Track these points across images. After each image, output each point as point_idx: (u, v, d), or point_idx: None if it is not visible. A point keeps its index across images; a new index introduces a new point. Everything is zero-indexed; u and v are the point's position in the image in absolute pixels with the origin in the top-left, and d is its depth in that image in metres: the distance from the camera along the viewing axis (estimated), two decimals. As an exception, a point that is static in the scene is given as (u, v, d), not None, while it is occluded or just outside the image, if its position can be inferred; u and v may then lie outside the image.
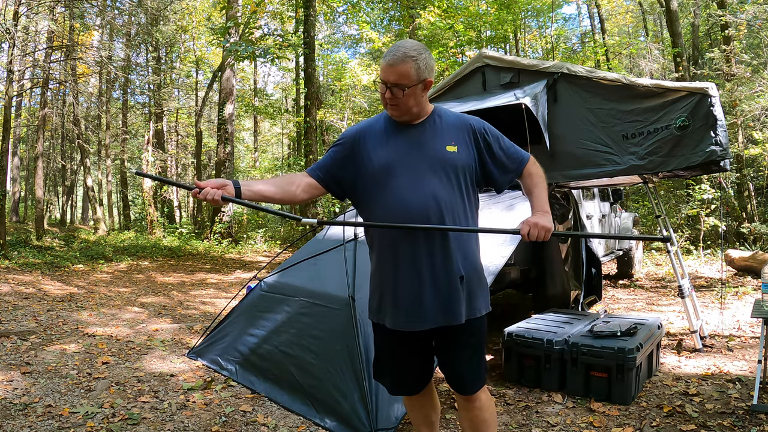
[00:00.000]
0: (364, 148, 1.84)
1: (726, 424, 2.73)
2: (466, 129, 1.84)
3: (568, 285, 5.11)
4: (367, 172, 1.82)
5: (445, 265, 1.75)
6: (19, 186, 23.08)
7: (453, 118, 1.86)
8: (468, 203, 1.82)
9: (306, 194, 1.88)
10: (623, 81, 3.87)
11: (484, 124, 1.88)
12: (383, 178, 1.78)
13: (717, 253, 9.62)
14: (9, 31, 10.14)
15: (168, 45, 20.43)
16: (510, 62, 4.55)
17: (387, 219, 1.75)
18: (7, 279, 7.55)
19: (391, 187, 1.77)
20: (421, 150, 1.78)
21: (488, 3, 14.81)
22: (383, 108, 1.83)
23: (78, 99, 16.43)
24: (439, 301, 1.75)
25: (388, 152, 1.80)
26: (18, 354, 4.02)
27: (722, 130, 3.60)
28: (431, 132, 1.81)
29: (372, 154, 1.81)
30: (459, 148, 1.79)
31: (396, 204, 1.75)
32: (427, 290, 1.75)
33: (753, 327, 4.75)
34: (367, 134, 1.86)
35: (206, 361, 3.87)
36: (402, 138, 1.82)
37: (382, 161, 1.79)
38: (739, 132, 10.72)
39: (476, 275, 1.84)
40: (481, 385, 1.89)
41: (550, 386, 3.33)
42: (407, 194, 1.74)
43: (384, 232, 1.79)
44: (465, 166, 1.79)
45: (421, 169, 1.76)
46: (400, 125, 1.84)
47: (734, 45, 11.24)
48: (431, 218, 1.73)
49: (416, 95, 1.73)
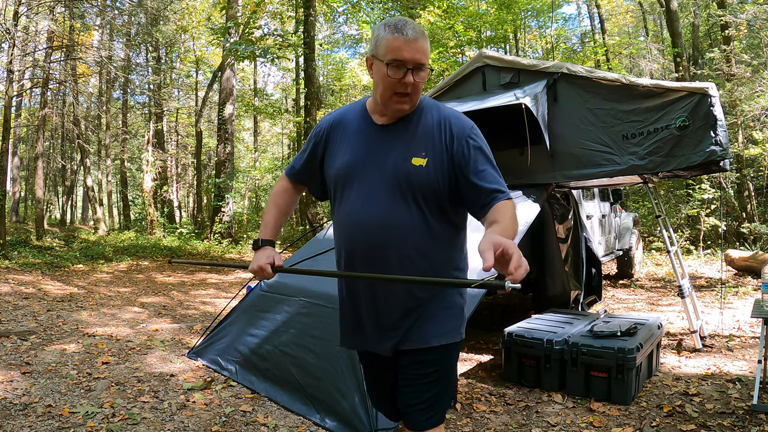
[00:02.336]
0: (332, 144, 1.61)
1: (726, 424, 2.73)
2: (446, 134, 1.47)
3: (568, 285, 5.11)
4: (329, 173, 1.60)
5: (387, 288, 1.51)
6: (19, 186, 23.08)
7: (434, 119, 1.51)
8: (439, 227, 1.50)
9: (297, 198, 1.81)
10: (623, 81, 3.87)
11: (469, 132, 1.48)
12: (341, 185, 1.55)
13: (717, 253, 9.62)
14: (9, 31, 10.14)
15: (168, 45, 20.43)
16: (510, 62, 4.55)
17: (339, 235, 1.57)
18: (7, 279, 7.55)
19: (345, 199, 1.53)
20: (381, 159, 1.48)
21: (488, 3, 14.81)
22: (384, 100, 1.48)
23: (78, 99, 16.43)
24: (377, 323, 1.55)
25: (350, 155, 1.53)
26: (18, 354, 4.02)
27: (722, 130, 3.60)
28: (403, 135, 1.50)
29: (337, 152, 1.58)
30: (429, 162, 1.45)
31: (346, 221, 1.53)
32: (364, 309, 1.56)
33: (753, 327, 4.75)
34: (338, 126, 1.61)
35: (206, 361, 3.87)
36: (369, 138, 1.53)
37: (342, 165, 1.54)
38: (739, 132, 10.72)
39: (440, 298, 1.53)
40: (433, 425, 1.54)
41: (550, 386, 3.33)
42: (357, 212, 1.49)
43: (338, 237, 1.59)
44: (430, 185, 1.45)
45: (376, 184, 1.47)
46: (372, 123, 1.55)
47: (734, 45, 11.23)
48: (384, 245, 1.46)
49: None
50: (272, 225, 1.72)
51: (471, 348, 4.39)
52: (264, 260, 1.58)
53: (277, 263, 1.59)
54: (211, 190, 16.58)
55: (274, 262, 1.59)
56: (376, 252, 1.47)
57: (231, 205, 15.16)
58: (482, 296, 3.08)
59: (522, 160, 4.35)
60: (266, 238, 1.67)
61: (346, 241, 1.54)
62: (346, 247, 1.54)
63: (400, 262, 1.47)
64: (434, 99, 4.96)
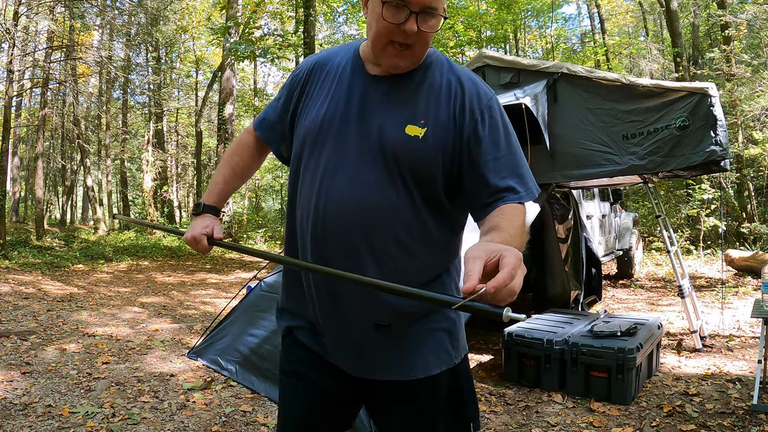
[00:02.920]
0: (309, 92, 1.23)
1: (726, 424, 2.73)
2: (457, 101, 1.11)
3: (568, 285, 5.12)
4: (297, 131, 1.22)
5: (359, 302, 1.13)
6: (19, 186, 23.08)
7: (444, 79, 1.14)
8: (432, 220, 1.13)
9: (259, 159, 1.44)
10: (623, 81, 3.87)
11: (489, 102, 1.13)
12: (308, 147, 1.16)
13: (717, 253, 9.62)
14: (9, 31, 10.14)
15: (168, 45, 20.43)
16: (510, 62, 4.55)
17: (298, 213, 1.19)
18: (7, 279, 7.55)
19: (311, 165, 1.15)
20: (366, 119, 1.11)
21: (488, 3, 14.83)
22: (377, 50, 1.11)
23: (78, 99, 16.42)
24: (345, 342, 1.18)
25: (327, 108, 1.16)
26: (18, 354, 4.02)
27: (722, 130, 3.60)
28: (400, 93, 1.13)
29: (312, 104, 1.20)
30: (428, 134, 1.09)
31: (308, 195, 1.14)
32: (331, 321, 1.18)
33: (753, 327, 4.75)
34: (320, 70, 1.23)
35: (206, 361, 3.87)
36: (356, 90, 1.15)
37: (314, 120, 1.16)
38: (739, 132, 10.72)
39: (417, 320, 1.16)
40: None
41: (550, 386, 3.33)
42: (325, 184, 1.11)
43: (297, 223, 1.20)
44: (424, 164, 1.09)
45: (355, 151, 1.10)
46: (365, 72, 1.17)
47: (734, 45, 11.24)
48: (355, 232, 1.08)
49: (433, 34, 1.10)
50: (220, 187, 1.37)
51: (471, 348, 4.39)
52: (200, 230, 1.27)
53: (216, 235, 1.28)
54: (211, 190, 16.56)
55: (212, 234, 1.28)
56: (343, 241, 1.08)
57: (231, 205, 15.17)
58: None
59: (522, 160, 4.35)
60: (209, 203, 1.35)
61: (303, 222, 1.15)
62: (302, 231, 1.16)
63: (375, 257, 1.09)
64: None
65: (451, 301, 0.79)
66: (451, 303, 0.79)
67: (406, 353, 1.16)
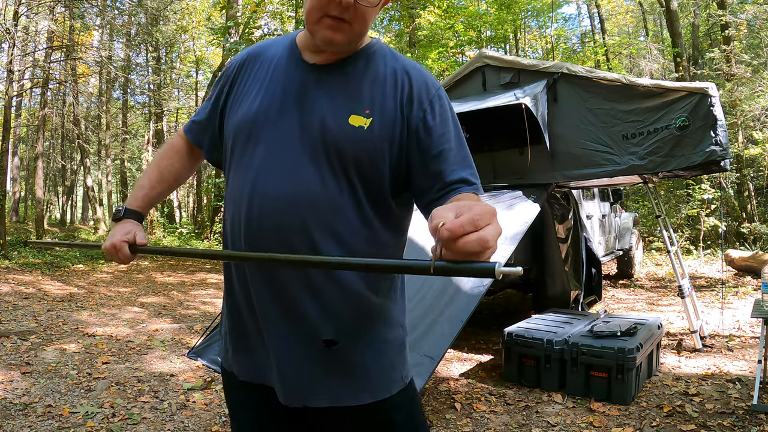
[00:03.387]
0: (240, 85, 1.14)
1: (726, 424, 2.73)
2: (404, 91, 1.04)
3: (568, 285, 5.12)
4: (228, 125, 1.13)
5: (301, 316, 1.02)
6: (19, 186, 23.08)
7: (389, 68, 1.07)
8: (377, 220, 1.05)
9: (192, 165, 1.31)
10: (623, 81, 3.88)
11: (436, 93, 1.06)
12: (241, 140, 1.08)
13: (717, 253, 9.62)
14: (9, 31, 10.14)
15: (168, 45, 20.43)
16: (510, 62, 4.55)
17: (229, 214, 1.09)
18: (7, 279, 7.55)
19: (244, 159, 1.06)
20: (306, 110, 1.03)
21: (488, 3, 14.83)
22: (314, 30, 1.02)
23: (78, 99, 16.43)
24: (288, 361, 1.05)
25: (261, 100, 1.07)
26: (18, 354, 4.02)
27: (722, 130, 3.61)
28: (342, 82, 1.05)
29: (244, 97, 1.11)
30: (373, 124, 1.01)
31: (241, 189, 1.05)
32: (273, 337, 1.05)
33: (753, 327, 4.75)
34: (253, 62, 1.14)
35: (206, 361, 3.87)
36: (294, 80, 1.06)
37: (247, 113, 1.07)
38: (739, 132, 10.72)
39: (369, 338, 1.06)
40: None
41: (550, 386, 3.33)
42: (261, 178, 1.02)
43: (228, 226, 1.10)
44: (370, 157, 1.01)
45: (293, 143, 1.02)
46: (302, 61, 1.08)
47: (734, 45, 11.25)
48: (292, 230, 1.00)
49: (376, 12, 1.02)
50: (145, 192, 1.24)
51: (471, 348, 4.39)
52: (120, 236, 1.14)
53: (139, 241, 1.15)
54: (211, 190, 16.57)
55: (134, 240, 1.15)
56: (281, 242, 0.99)
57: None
58: (482, 296, 3.07)
59: (522, 160, 4.35)
60: (132, 208, 1.22)
61: (235, 223, 1.06)
62: (235, 233, 1.06)
63: None
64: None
65: (425, 266, 0.64)
66: (425, 267, 0.64)
67: (353, 374, 1.04)
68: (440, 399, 3.24)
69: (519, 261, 5.50)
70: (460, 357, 4.16)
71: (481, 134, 5.31)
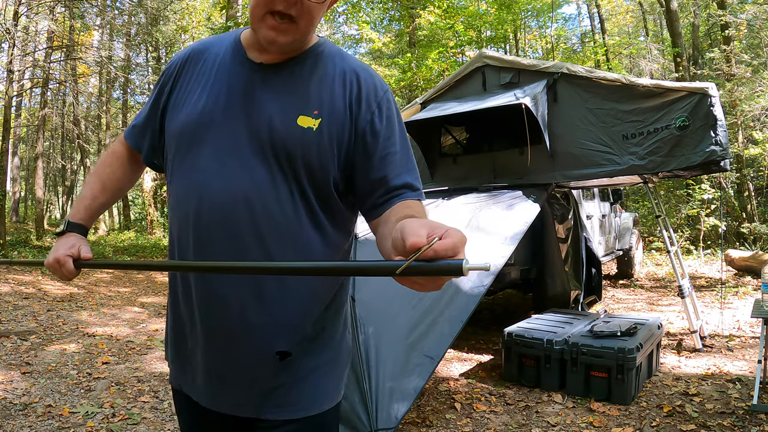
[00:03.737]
0: (181, 86, 1.08)
1: (726, 424, 2.73)
2: (352, 92, 1.02)
3: (568, 285, 5.12)
4: (169, 128, 1.08)
5: (253, 327, 0.99)
6: (19, 186, 23.09)
7: (336, 68, 1.04)
8: (328, 224, 1.03)
9: (134, 172, 1.26)
10: (623, 81, 3.88)
11: (384, 95, 1.04)
12: (185, 143, 1.03)
13: (717, 253, 9.62)
14: (9, 31, 10.14)
15: (168, 45, 20.42)
16: (510, 62, 4.55)
17: (174, 220, 1.05)
18: (7, 279, 7.55)
19: (188, 162, 1.02)
20: (252, 111, 0.99)
21: (488, 3, 14.82)
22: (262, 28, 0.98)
23: (78, 99, 16.43)
24: (235, 378, 1.03)
25: (206, 100, 1.03)
26: (18, 354, 4.02)
27: (722, 130, 3.61)
28: (290, 82, 1.02)
29: (186, 98, 1.06)
30: (322, 125, 0.98)
31: (185, 193, 1.01)
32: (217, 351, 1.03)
33: (753, 327, 4.75)
34: (195, 62, 1.09)
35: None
36: (238, 79, 1.02)
37: (190, 114, 1.03)
38: (739, 132, 10.72)
39: (318, 346, 1.05)
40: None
41: (550, 386, 3.33)
42: (207, 180, 0.98)
43: (171, 222, 1.07)
44: (318, 159, 0.98)
45: (240, 144, 0.98)
46: (247, 60, 1.04)
47: (734, 45, 11.25)
48: (244, 235, 0.97)
49: (322, 11, 0.99)
50: (88, 203, 1.20)
51: (471, 348, 4.39)
52: (64, 251, 1.10)
53: (84, 255, 1.11)
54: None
55: (79, 254, 1.11)
56: (234, 250, 0.97)
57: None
58: (482, 296, 3.07)
59: (522, 160, 4.35)
60: (75, 221, 1.17)
61: (182, 232, 1.02)
62: (182, 242, 1.03)
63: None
64: (434, 99, 5.04)
65: (395, 266, 0.64)
66: (394, 267, 0.64)
67: (305, 385, 1.03)
68: (440, 399, 3.24)
69: (519, 261, 5.51)
70: (460, 357, 4.16)
71: (481, 134, 5.31)
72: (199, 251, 0.99)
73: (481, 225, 3.57)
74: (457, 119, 5.03)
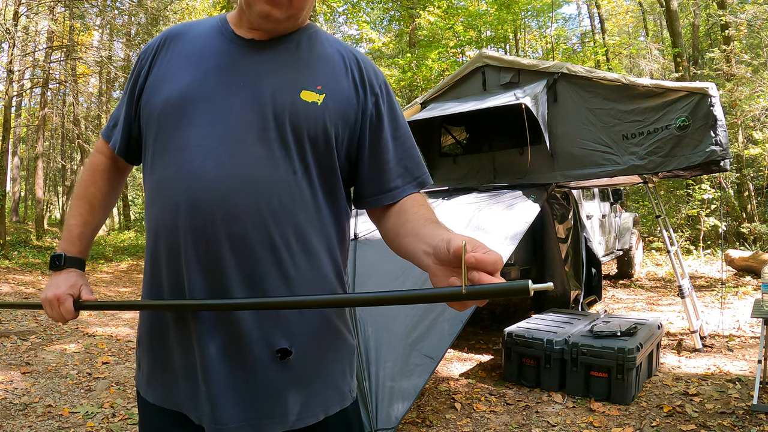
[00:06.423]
0: (158, 68, 0.99)
1: (726, 424, 2.73)
2: (355, 71, 0.98)
3: (568, 285, 5.12)
4: (147, 109, 0.97)
5: (252, 325, 0.89)
6: (19, 186, 23.09)
7: (334, 48, 1.00)
8: (327, 202, 0.96)
9: (121, 179, 1.15)
10: (623, 81, 3.88)
11: (384, 80, 1.02)
12: (166, 123, 0.93)
13: (717, 253, 9.62)
14: (9, 31, 10.14)
15: (168, 45, 20.44)
16: (510, 62, 4.55)
17: (156, 215, 0.92)
18: (7, 279, 7.55)
19: (173, 143, 0.91)
20: (254, 87, 0.91)
21: (488, 3, 14.82)
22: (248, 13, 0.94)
23: (78, 99, 16.42)
24: (230, 383, 0.90)
25: (193, 79, 0.93)
26: (18, 354, 4.02)
27: (722, 130, 3.61)
28: (287, 58, 0.95)
29: (165, 78, 0.96)
30: (327, 100, 0.93)
31: (177, 178, 0.89)
32: (208, 358, 0.89)
33: (753, 327, 4.75)
34: (174, 43, 1.00)
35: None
36: (229, 57, 0.95)
37: (174, 91, 0.93)
38: (739, 132, 10.72)
39: (324, 344, 0.96)
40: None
41: (550, 386, 3.33)
42: (201, 164, 0.88)
43: (155, 212, 0.93)
44: (326, 134, 0.92)
45: (238, 124, 0.89)
46: (237, 37, 0.97)
47: (734, 45, 11.23)
48: (246, 220, 0.87)
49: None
50: (79, 230, 1.07)
51: (471, 348, 4.39)
52: (66, 288, 0.99)
53: (85, 296, 1.00)
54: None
55: (79, 295, 1.00)
56: (237, 237, 0.86)
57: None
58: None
59: (522, 160, 4.35)
60: (72, 255, 1.05)
61: (170, 214, 0.89)
62: (169, 226, 0.90)
63: (273, 252, 0.89)
64: (434, 99, 5.05)
65: (458, 292, 0.62)
66: (458, 294, 0.62)
67: (309, 388, 0.93)
68: (440, 399, 3.24)
69: (519, 261, 5.50)
70: (460, 357, 4.16)
71: (481, 134, 5.31)
72: (193, 231, 0.87)
73: (481, 225, 3.57)
74: (457, 119, 5.03)
